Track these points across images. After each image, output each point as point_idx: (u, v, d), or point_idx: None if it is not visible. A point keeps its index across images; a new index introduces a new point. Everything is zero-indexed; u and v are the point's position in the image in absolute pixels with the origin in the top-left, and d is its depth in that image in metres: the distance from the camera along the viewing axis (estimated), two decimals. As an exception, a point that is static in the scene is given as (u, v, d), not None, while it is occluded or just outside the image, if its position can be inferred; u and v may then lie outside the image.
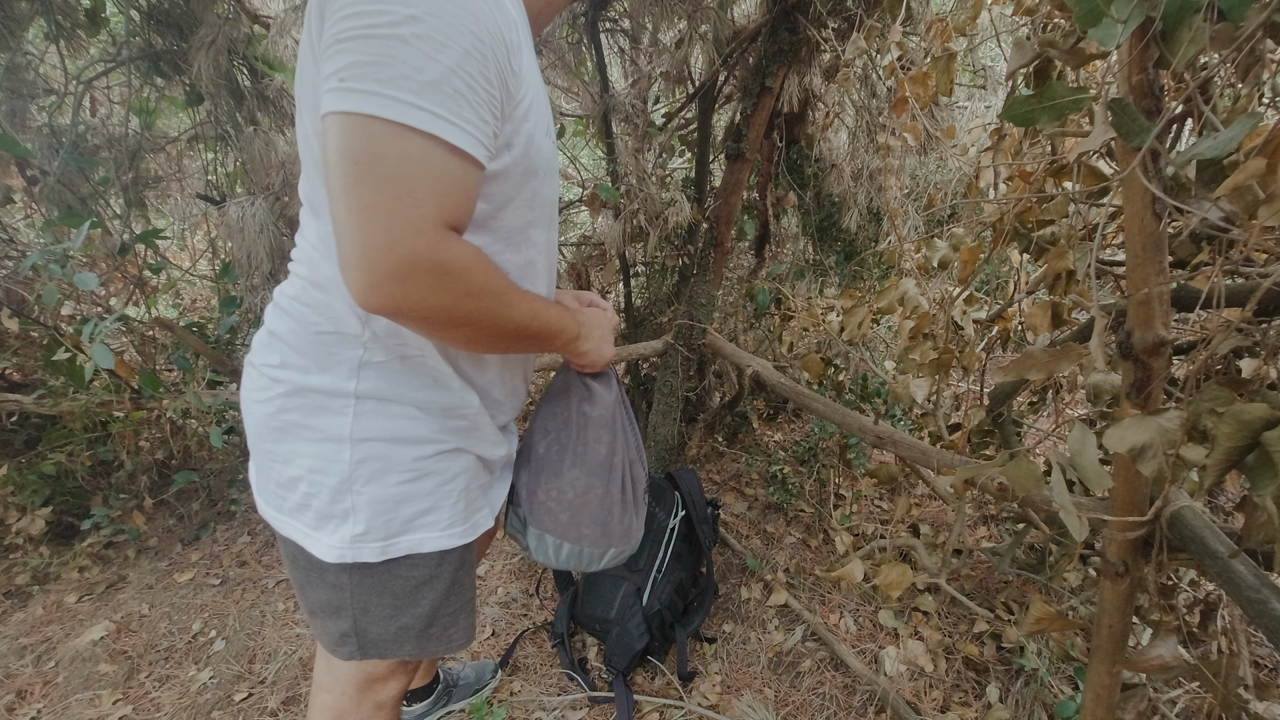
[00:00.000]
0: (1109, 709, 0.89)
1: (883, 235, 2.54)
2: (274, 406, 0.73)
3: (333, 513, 0.73)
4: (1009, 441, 1.54)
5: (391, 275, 0.54)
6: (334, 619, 0.79)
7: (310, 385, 0.71)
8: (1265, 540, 0.63)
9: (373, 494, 0.72)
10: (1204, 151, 0.55)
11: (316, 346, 0.71)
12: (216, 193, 2.30)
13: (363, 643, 0.80)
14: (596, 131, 2.23)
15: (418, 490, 0.75)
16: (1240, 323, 0.78)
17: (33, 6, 1.91)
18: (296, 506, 0.74)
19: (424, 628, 0.81)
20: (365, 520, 0.73)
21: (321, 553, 0.74)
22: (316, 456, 0.72)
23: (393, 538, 0.74)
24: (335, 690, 0.87)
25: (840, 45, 1.82)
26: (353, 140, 0.52)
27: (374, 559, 0.74)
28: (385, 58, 0.51)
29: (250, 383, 0.77)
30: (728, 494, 2.30)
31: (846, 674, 1.53)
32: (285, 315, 0.74)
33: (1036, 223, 1.24)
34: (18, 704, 1.49)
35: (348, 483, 0.71)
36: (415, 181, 0.53)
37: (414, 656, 0.82)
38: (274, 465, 0.75)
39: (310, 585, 0.79)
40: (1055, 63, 0.99)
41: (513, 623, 1.73)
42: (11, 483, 1.87)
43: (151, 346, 2.25)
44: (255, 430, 0.76)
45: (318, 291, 0.71)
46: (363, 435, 0.71)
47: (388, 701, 0.90)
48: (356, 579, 0.76)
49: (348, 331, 0.70)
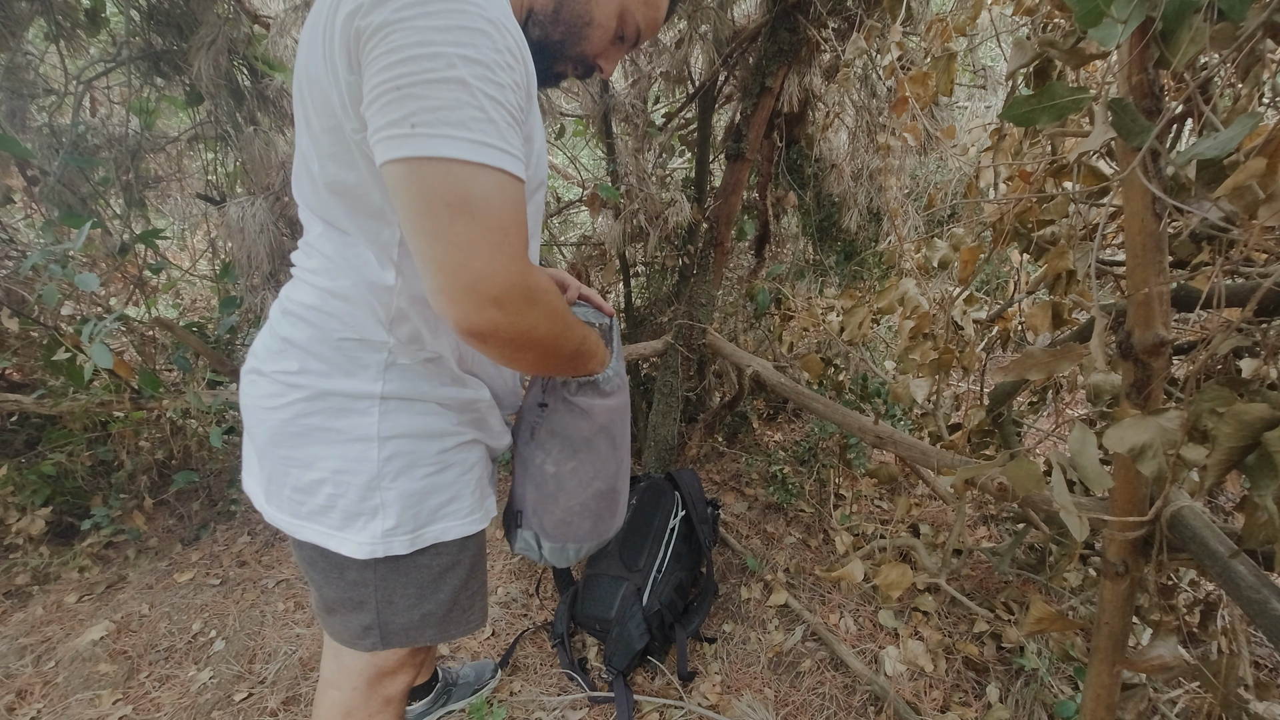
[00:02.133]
0: (1109, 709, 0.89)
1: (883, 235, 2.54)
2: (292, 412, 0.73)
3: (361, 510, 0.74)
4: (1009, 441, 1.54)
5: (494, 302, 0.58)
6: (356, 614, 0.81)
7: (334, 389, 0.72)
8: (1265, 540, 0.63)
9: (401, 488, 0.75)
10: (1204, 151, 0.55)
11: (339, 353, 0.72)
12: (216, 193, 2.30)
13: (385, 633, 0.81)
14: (596, 131, 2.23)
15: (441, 481, 0.78)
16: (1240, 323, 0.78)
17: (33, 6, 1.91)
18: (319, 509, 0.75)
19: (446, 612, 0.84)
20: (396, 515, 0.75)
21: (350, 550, 0.75)
22: (342, 458, 0.73)
23: (421, 529, 0.77)
24: (345, 686, 0.88)
25: (840, 45, 1.82)
26: (438, 183, 0.55)
27: (404, 551, 0.76)
28: (452, 101, 0.54)
29: (260, 390, 0.76)
30: (728, 494, 2.30)
31: (846, 674, 1.53)
32: (303, 323, 0.74)
33: (1036, 223, 1.24)
34: (18, 704, 1.49)
35: (376, 480, 0.73)
36: (501, 215, 0.57)
37: (434, 641, 0.85)
38: (291, 470, 0.75)
39: (330, 584, 0.80)
40: (1055, 63, 0.99)
41: (513, 623, 1.73)
42: (11, 483, 1.87)
43: (151, 346, 2.25)
44: (269, 438, 0.76)
45: (338, 301, 0.71)
46: (389, 433, 0.73)
47: (395, 696, 0.91)
48: (382, 573, 0.78)
49: (373, 338, 0.72)
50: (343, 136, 0.63)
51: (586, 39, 0.74)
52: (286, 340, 0.75)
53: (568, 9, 0.72)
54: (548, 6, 0.72)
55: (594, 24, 0.73)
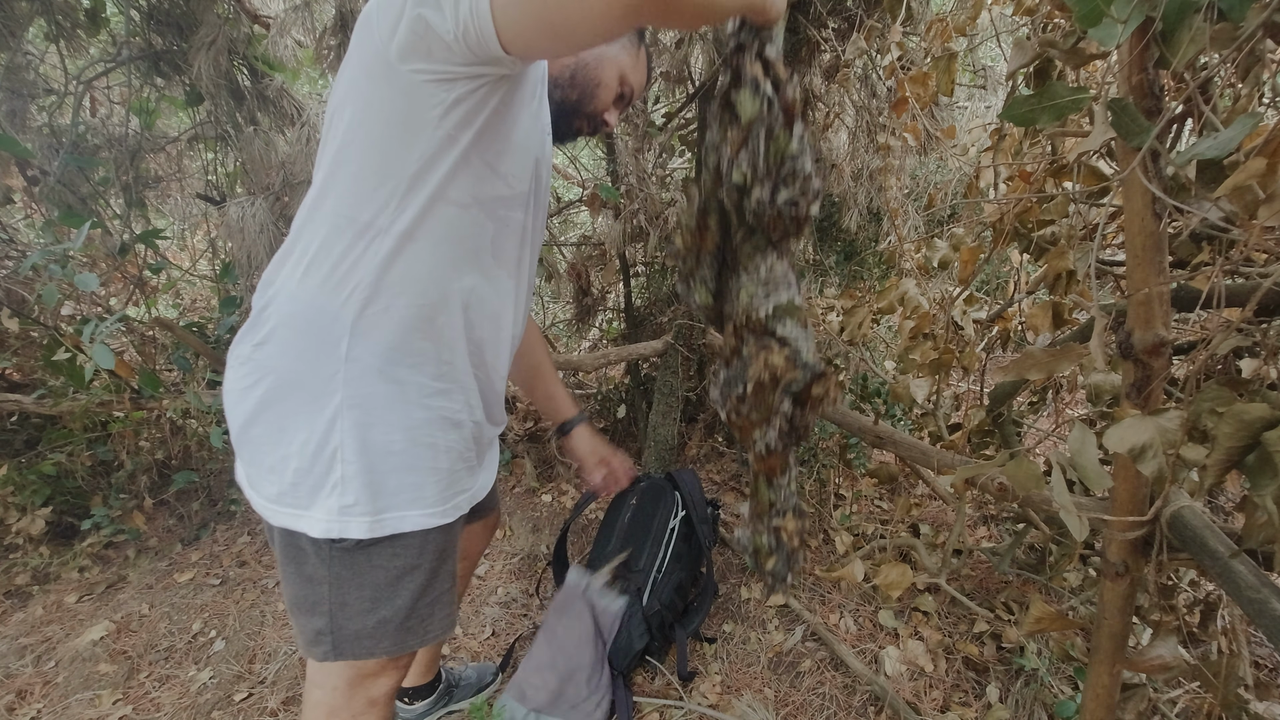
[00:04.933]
0: (1109, 709, 0.89)
1: (883, 235, 2.54)
2: (261, 389, 0.75)
3: (323, 484, 0.74)
4: (1009, 441, 1.54)
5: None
6: (310, 616, 0.80)
7: (301, 355, 0.74)
8: (1265, 540, 0.63)
9: (362, 463, 0.74)
10: (1204, 151, 0.55)
11: (310, 321, 0.73)
12: (216, 193, 2.31)
13: (337, 641, 0.80)
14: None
15: (406, 462, 0.77)
16: (1240, 323, 0.78)
17: (33, 6, 1.92)
18: (287, 487, 0.75)
19: (403, 620, 0.82)
20: (355, 490, 0.75)
21: (310, 528, 0.75)
22: (309, 429, 0.74)
23: (381, 512, 0.76)
24: (326, 686, 0.87)
25: (840, 45, 1.82)
26: None
27: (362, 535, 0.76)
28: None
29: (230, 376, 0.78)
30: (728, 494, 2.30)
31: (846, 674, 1.53)
32: (268, 288, 0.77)
33: (1036, 223, 1.24)
34: (18, 704, 1.49)
35: (338, 451, 0.74)
36: None
37: (390, 653, 0.83)
38: (263, 448, 0.76)
39: (290, 578, 0.80)
40: (1055, 63, 0.99)
41: (513, 623, 1.73)
42: (11, 483, 1.87)
43: (151, 346, 2.25)
44: (242, 421, 0.77)
45: (332, 267, 0.73)
46: (354, 402, 0.74)
47: (380, 698, 0.89)
48: (336, 570, 0.77)
49: (349, 298, 0.73)
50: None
51: (597, 98, 0.87)
52: (260, 308, 0.77)
53: (581, 74, 0.86)
54: (564, 74, 0.85)
55: (602, 84, 0.86)
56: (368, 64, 0.69)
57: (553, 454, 2.50)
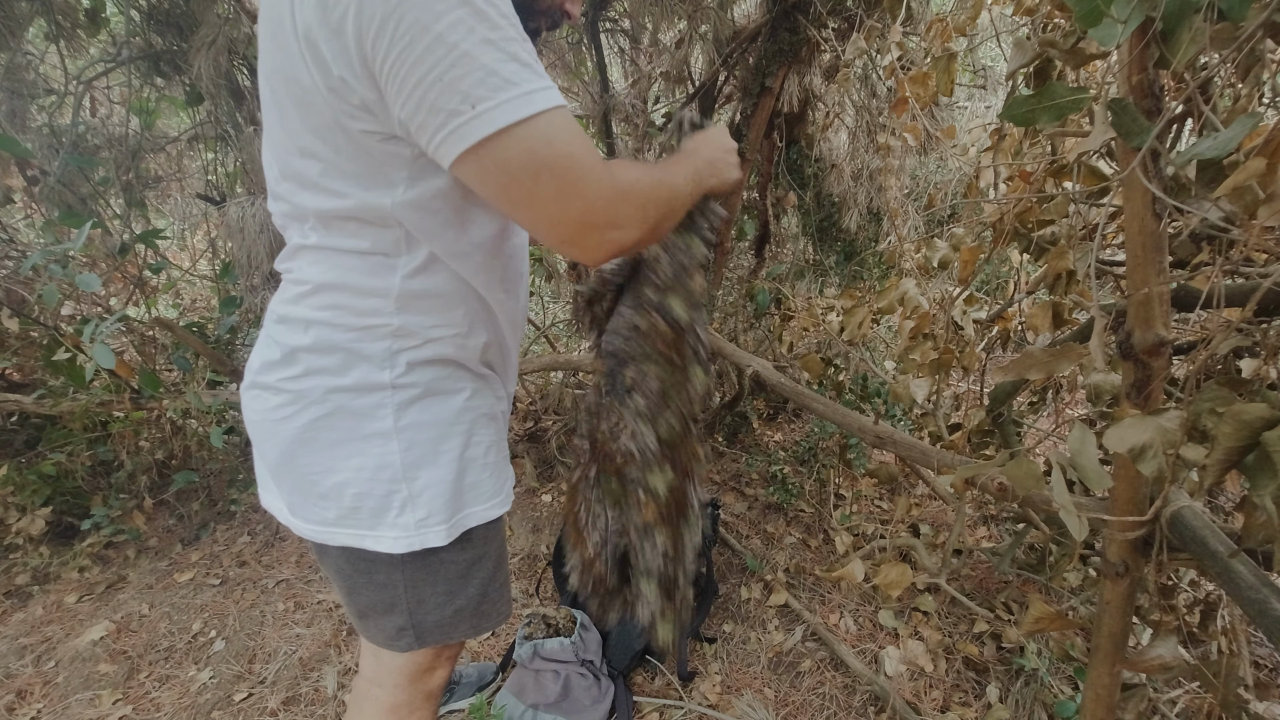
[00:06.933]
0: (1109, 709, 0.89)
1: (883, 235, 2.54)
2: (305, 419, 0.72)
3: (389, 505, 0.74)
4: (1009, 441, 1.54)
5: (609, 223, 0.63)
6: (388, 616, 0.80)
7: (342, 386, 0.71)
8: (1265, 540, 0.63)
9: (427, 478, 0.74)
10: (1204, 151, 0.55)
11: (342, 348, 0.71)
12: (216, 193, 2.31)
13: (420, 632, 0.81)
14: (597, 131, 2.23)
15: (463, 466, 0.78)
16: (1240, 323, 0.78)
17: (33, 6, 1.92)
18: (346, 512, 0.74)
19: (477, 605, 0.84)
20: (426, 504, 0.74)
21: (387, 546, 0.75)
22: (362, 454, 0.72)
23: (453, 517, 0.77)
24: (388, 684, 0.88)
25: (840, 45, 1.82)
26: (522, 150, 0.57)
27: (440, 542, 0.76)
28: (492, 62, 0.55)
29: (266, 404, 0.75)
30: (728, 494, 2.30)
31: (846, 674, 1.53)
32: (300, 325, 0.72)
33: (1036, 223, 1.24)
34: (18, 704, 1.49)
35: (400, 472, 0.73)
36: (568, 146, 0.59)
37: (469, 635, 0.85)
38: (312, 477, 0.74)
39: (359, 589, 0.80)
40: (1055, 63, 0.99)
41: (512, 622, 1.73)
42: (11, 483, 1.87)
43: (151, 346, 2.25)
44: (284, 450, 0.74)
45: (353, 297, 0.70)
46: (406, 423, 0.73)
47: (436, 690, 0.91)
48: (409, 573, 0.78)
49: (377, 324, 0.71)
50: (327, 119, 0.61)
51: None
52: (287, 346, 0.73)
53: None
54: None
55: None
56: (313, 105, 0.61)
57: (553, 454, 2.50)
